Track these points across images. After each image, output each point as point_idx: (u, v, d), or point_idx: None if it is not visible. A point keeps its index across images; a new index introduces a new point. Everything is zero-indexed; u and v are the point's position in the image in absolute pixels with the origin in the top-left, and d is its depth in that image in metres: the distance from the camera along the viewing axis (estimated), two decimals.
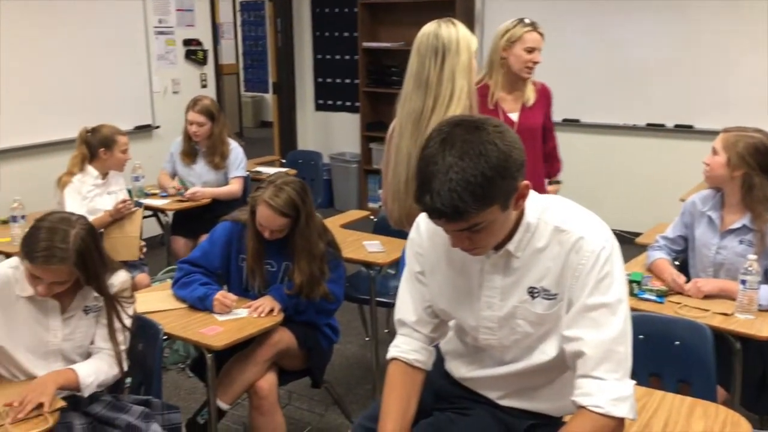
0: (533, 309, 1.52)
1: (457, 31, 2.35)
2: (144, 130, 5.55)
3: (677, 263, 2.75)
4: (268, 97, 10.73)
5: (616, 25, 5.50)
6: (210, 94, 5.87)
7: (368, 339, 4.01)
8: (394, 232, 2.96)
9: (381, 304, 3.43)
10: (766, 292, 2.38)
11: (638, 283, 2.54)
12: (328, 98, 7.13)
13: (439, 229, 1.47)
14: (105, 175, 3.75)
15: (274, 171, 4.78)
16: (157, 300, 2.66)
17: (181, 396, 3.38)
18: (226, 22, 10.12)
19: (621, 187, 5.70)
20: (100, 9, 5.15)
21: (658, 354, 2.23)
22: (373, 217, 4.06)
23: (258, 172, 4.92)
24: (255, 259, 2.66)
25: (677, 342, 2.19)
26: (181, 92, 5.79)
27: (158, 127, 5.65)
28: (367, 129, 6.62)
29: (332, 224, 3.28)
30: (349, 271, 2.94)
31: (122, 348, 2.14)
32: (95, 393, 2.08)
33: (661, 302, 2.48)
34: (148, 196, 4.24)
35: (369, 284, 3.31)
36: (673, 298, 2.51)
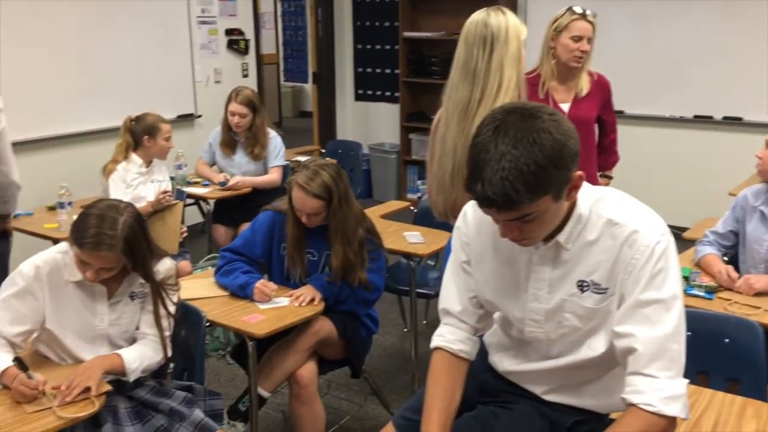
0: (582, 303, 1.48)
1: (507, 20, 2.31)
2: (186, 119, 5.62)
3: (725, 259, 2.68)
4: (308, 87, 10.77)
5: (662, 14, 5.37)
6: (251, 84, 5.91)
7: (407, 330, 4.00)
8: (435, 223, 2.94)
9: (420, 296, 3.42)
10: None
11: (686, 278, 2.48)
12: (367, 88, 7.11)
13: (486, 218, 1.45)
14: (149, 163, 3.80)
15: None
16: (199, 287, 2.69)
17: (221, 383, 3.42)
18: (267, 12, 10.16)
19: (667, 180, 5.58)
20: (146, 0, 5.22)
21: (706, 352, 2.17)
22: (413, 208, 4.05)
23: (297, 162, 4.93)
24: (295, 246, 2.67)
25: (726, 339, 2.14)
26: (223, 82, 5.84)
27: (200, 116, 5.71)
28: (407, 119, 6.60)
29: (372, 214, 3.26)
30: (388, 261, 2.93)
31: (166, 334, 2.17)
32: (140, 378, 2.11)
33: (710, 298, 2.42)
34: (190, 184, 4.29)
35: (409, 275, 3.30)
36: (723, 294, 2.44)
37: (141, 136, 3.73)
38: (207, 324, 2.35)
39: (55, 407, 1.84)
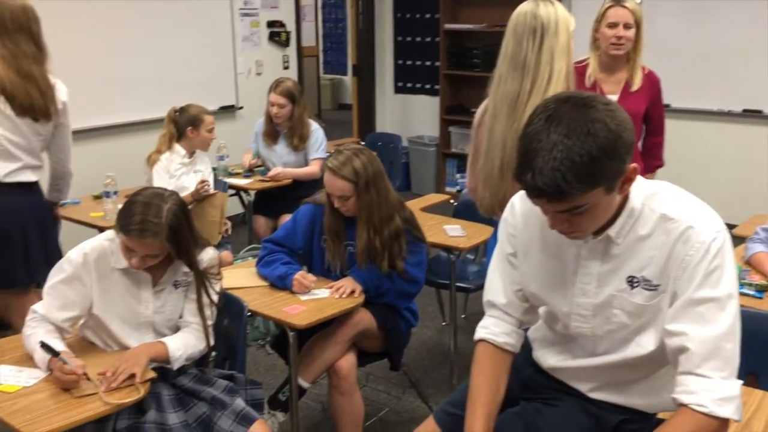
0: (632, 299, 1.45)
1: (556, 11, 2.26)
2: (228, 111, 5.66)
3: None
4: (347, 79, 10.78)
5: (710, 4, 5.23)
6: (292, 76, 5.93)
7: (444, 324, 3.98)
8: (476, 217, 2.91)
9: (459, 289, 3.39)
10: None
11: None
12: (407, 81, 7.09)
13: (534, 209, 1.42)
14: (192, 153, 3.84)
15: None
16: (241, 277, 2.71)
17: (260, 372, 3.44)
18: (307, 5, 10.19)
19: (714, 175, 5.44)
20: None
21: (756, 352, 2.09)
22: (453, 201, 4.02)
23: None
24: (332, 236, 2.67)
25: None
26: (264, 73, 5.87)
27: (241, 107, 5.75)
28: (447, 112, 6.56)
29: (412, 207, 3.23)
30: (429, 254, 2.91)
31: (209, 323, 2.19)
32: (182, 366, 2.13)
33: (760, 297, 2.36)
34: (231, 175, 4.32)
35: (448, 269, 3.27)
36: None
37: (184, 127, 3.77)
38: (248, 314, 2.36)
39: (102, 393, 1.87)
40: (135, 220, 1.95)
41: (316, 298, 2.55)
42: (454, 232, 3.27)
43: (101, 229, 3.27)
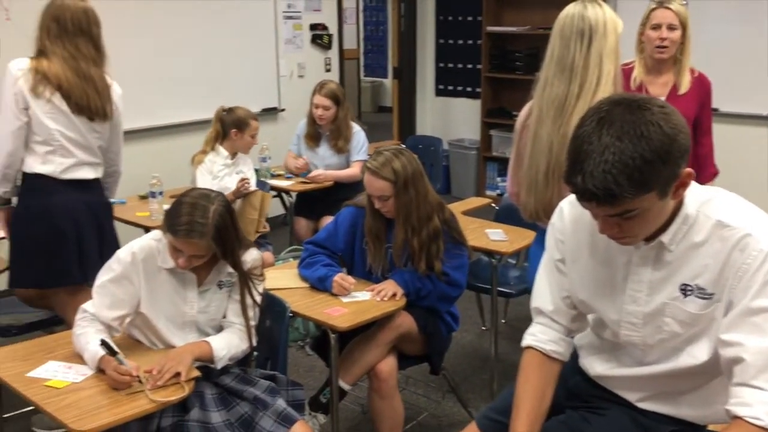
0: (684, 307, 1.41)
1: (604, 13, 2.22)
2: (270, 113, 5.71)
3: None
4: (387, 82, 10.79)
5: (759, 5, 5.09)
6: (334, 79, 5.95)
7: (485, 329, 3.95)
8: (518, 221, 2.87)
9: (500, 294, 3.36)
10: None
11: None
12: (448, 83, 7.06)
13: (583, 215, 1.39)
14: (234, 155, 3.88)
15: None
16: (283, 278, 2.72)
17: (299, 373, 3.46)
18: (349, 8, 10.24)
19: (763, 182, 5.29)
20: None
21: None
22: (494, 205, 3.98)
23: None
24: (373, 238, 2.67)
25: None
26: (306, 76, 5.91)
27: (283, 110, 5.80)
28: (488, 115, 6.51)
29: (453, 211, 3.23)
30: (471, 258, 2.89)
31: (252, 323, 2.20)
32: (226, 365, 2.15)
33: None
34: (273, 176, 4.35)
35: (489, 273, 3.25)
36: None
37: (229, 128, 3.81)
38: (290, 315, 2.37)
39: (147, 391, 1.90)
40: (182, 221, 1.97)
41: (358, 301, 2.55)
42: (496, 236, 3.25)
43: (147, 229, 3.32)
